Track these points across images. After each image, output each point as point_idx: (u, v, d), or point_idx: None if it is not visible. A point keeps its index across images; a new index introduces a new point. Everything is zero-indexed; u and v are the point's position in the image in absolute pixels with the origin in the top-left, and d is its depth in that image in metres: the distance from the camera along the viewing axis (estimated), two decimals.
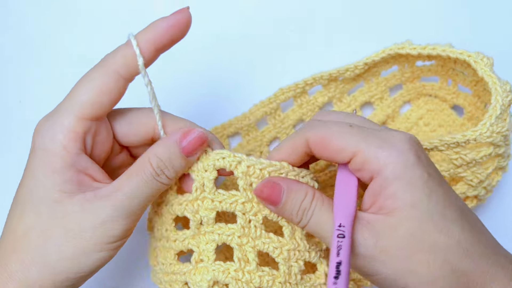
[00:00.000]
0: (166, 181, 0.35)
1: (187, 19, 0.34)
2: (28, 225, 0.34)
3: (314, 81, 0.51)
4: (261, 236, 0.36)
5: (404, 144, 0.31)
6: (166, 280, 0.39)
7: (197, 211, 0.36)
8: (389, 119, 0.56)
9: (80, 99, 0.33)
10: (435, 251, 0.30)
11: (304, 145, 0.34)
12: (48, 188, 0.33)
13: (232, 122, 0.53)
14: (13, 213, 0.35)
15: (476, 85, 0.50)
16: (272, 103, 0.52)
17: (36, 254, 0.33)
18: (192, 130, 0.35)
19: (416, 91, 0.55)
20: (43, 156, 0.33)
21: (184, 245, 0.37)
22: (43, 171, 0.33)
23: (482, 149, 0.42)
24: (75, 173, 0.34)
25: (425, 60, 0.51)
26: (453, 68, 0.51)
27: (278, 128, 0.54)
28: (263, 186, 0.34)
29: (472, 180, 0.44)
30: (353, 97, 0.55)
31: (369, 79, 0.54)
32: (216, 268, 0.35)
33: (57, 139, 0.33)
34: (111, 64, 0.34)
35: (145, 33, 0.33)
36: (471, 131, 0.40)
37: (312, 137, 0.33)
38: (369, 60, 0.49)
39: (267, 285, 0.36)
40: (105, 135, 0.36)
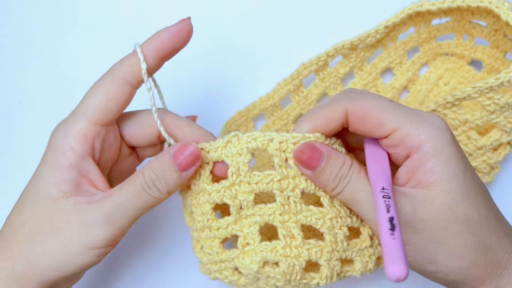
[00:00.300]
0: (157, 194, 0.35)
1: (189, 28, 0.36)
2: (23, 218, 0.35)
3: (336, 52, 0.51)
4: (302, 210, 0.36)
5: (441, 123, 0.33)
6: (215, 269, 0.39)
7: (235, 196, 0.36)
8: (410, 82, 0.56)
9: (91, 105, 0.35)
10: (468, 224, 0.31)
11: (342, 116, 0.34)
12: (47, 185, 0.35)
13: (256, 104, 0.52)
14: (16, 205, 0.37)
15: (494, 34, 0.50)
16: (295, 79, 0.52)
17: (24, 247, 0.34)
18: (187, 146, 0.35)
19: (432, 51, 0.55)
20: (52, 154, 0.35)
21: (228, 232, 0.37)
22: (47, 167, 0.35)
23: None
24: (76, 175, 0.35)
25: (442, 17, 0.51)
26: (470, 21, 0.51)
27: (302, 105, 0.53)
28: (304, 147, 0.34)
29: (506, 125, 0.45)
30: (373, 64, 0.55)
31: (387, 45, 0.54)
32: (264, 248, 0.36)
33: (67, 140, 0.35)
34: (118, 72, 0.36)
35: (149, 43, 0.36)
36: (504, 73, 0.41)
37: (352, 108, 0.33)
38: (389, 23, 0.49)
39: (315, 256, 0.36)
40: (113, 141, 0.38)
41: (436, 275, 0.33)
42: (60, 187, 0.35)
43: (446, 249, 0.31)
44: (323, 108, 0.35)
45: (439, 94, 0.56)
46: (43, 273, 0.34)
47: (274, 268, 0.36)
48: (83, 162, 0.36)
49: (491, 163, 0.47)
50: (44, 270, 0.34)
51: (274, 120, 0.53)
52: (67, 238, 0.34)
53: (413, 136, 0.32)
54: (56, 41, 0.57)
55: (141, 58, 0.35)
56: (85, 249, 0.34)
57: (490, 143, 0.46)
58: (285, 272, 0.36)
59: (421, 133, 0.32)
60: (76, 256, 0.34)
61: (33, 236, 0.34)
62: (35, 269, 0.34)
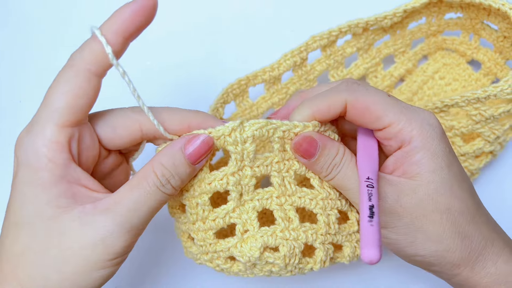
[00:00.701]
0: (171, 191, 0.33)
1: (153, 3, 0.30)
2: (23, 245, 0.31)
3: (349, 29, 0.49)
4: (296, 192, 0.37)
5: (433, 120, 0.35)
6: (206, 258, 0.38)
7: (239, 182, 0.35)
8: (407, 72, 0.55)
9: (56, 106, 0.30)
10: (448, 213, 0.34)
11: (341, 107, 0.35)
12: (40, 206, 0.30)
13: (259, 73, 0.50)
14: (6, 233, 0.32)
15: (502, 40, 0.51)
16: (302, 52, 0.49)
17: (35, 275, 0.30)
18: (196, 136, 0.33)
19: (436, 45, 0.55)
20: (30, 172, 0.31)
21: (225, 221, 0.36)
22: (31, 188, 0.30)
23: (501, 106, 0.44)
24: (67, 186, 0.31)
25: (457, 12, 0.50)
26: (482, 21, 0.51)
27: (303, 80, 0.52)
28: (302, 140, 0.35)
29: (490, 136, 0.46)
30: (377, 49, 0.54)
31: (395, 32, 0.53)
32: (264, 233, 0.35)
33: (41, 152, 0.30)
34: (80, 63, 0.31)
35: (109, 24, 0.30)
36: (492, 87, 0.42)
37: (353, 101, 0.34)
38: (409, 7, 0.48)
39: (312, 238, 0.36)
40: (89, 140, 0.33)
41: (415, 258, 0.35)
42: (56, 203, 0.30)
43: (424, 234, 0.33)
44: (324, 96, 0.35)
45: (433, 87, 0.56)
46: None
47: (273, 253, 0.36)
48: (69, 170, 0.31)
49: (472, 169, 0.49)
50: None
51: (273, 92, 0.51)
52: (84, 257, 0.30)
53: (406, 131, 0.34)
54: (56, 41, 0.58)
55: (103, 41, 0.30)
56: (103, 262, 0.31)
57: (473, 151, 0.47)
58: (285, 255, 0.35)
59: (413, 128, 0.34)
60: (96, 272, 0.31)
61: (41, 263, 0.30)
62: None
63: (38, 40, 0.58)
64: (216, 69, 0.56)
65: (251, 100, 0.51)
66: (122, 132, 0.34)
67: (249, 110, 0.50)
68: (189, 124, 0.35)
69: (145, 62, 0.55)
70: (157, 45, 0.55)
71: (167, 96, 0.54)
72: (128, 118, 0.34)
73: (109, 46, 0.30)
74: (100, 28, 0.30)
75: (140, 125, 0.34)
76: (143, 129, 0.34)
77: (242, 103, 0.50)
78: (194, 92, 0.54)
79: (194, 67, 0.56)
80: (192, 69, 0.56)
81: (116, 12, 0.30)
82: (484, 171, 0.54)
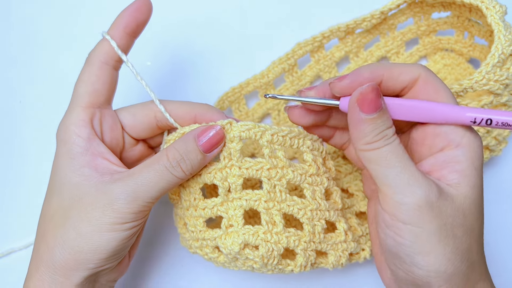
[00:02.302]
0: (180, 174, 0.37)
1: (147, 2, 0.39)
2: (53, 209, 0.37)
3: (331, 33, 0.51)
4: (286, 200, 0.38)
5: (480, 140, 0.34)
6: (196, 245, 0.41)
7: (225, 178, 0.38)
8: None
9: (79, 92, 0.38)
10: (470, 234, 0.33)
11: (412, 78, 0.34)
12: (67, 174, 0.37)
13: (250, 81, 0.53)
14: (45, 200, 0.38)
15: (491, 35, 0.50)
16: (290, 58, 0.52)
17: (58, 234, 0.36)
18: (211, 127, 0.37)
19: (432, 45, 0.55)
20: (62, 146, 0.37)
21: (213, 212, 0.39)
22: (63, 159, 0.37)
23: (482, 98, 0.43)
24: (92, 157, 0.37)
25: (440, 11, 0.51)
26: (468, 18, 0.51)
27: (296, 86, 0.54)
28: (371, 90, 0.32)
29: (479, 130, 0.45)
30: (369, 52, 0.55)
31: (385, 33, 0.54)
32: (246, 231, 0.38)
33: (70, 129, 0.37)
34: (93, 57, 0.39)
35: (114, 24, 0.39)
36: (467, 80, 0.42)
37: (429, 77, 0.34)
38: (385, 9, 0.50)
39: (294, 244, 0.38)
40: (111, 122, 0.40)
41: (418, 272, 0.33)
42: (80, 172, 0.37)
43: (442, 248, 0.32)
44: (398, 64, 0.35)
45: None
46: (81, 257, 0.35)
47: (253, 251, 0.38)
48: (93, 144, 0.38)
49: None
50: (81, 254, 0.35)
51: (267, 99, 0.54)
52: (95, 217, 0.35)
53: (458, 133, 0.33)
54: (56, 41, 0.58)
55: (107, 37, 0.39)
56: (113, 225, 0.35)
57: None
58: (263, 255, 0.38)
59: (465, 135, 0.33)
60: (107, 234, 0.35)
61: (63, 223, 0.36)
62: (73, 255, 0.35)
63: (39, 40, 0.58)
64: (217, 68, 0.57)
65: (247, 106, 0.54)
66: (141, 119, 0.41)
67: (245, 116, 0.54)
68: (196, 114, 0.40)
69: (145, 63, 0.57)
70: (157, 45, 0.57)
71: (167, 96, 0.55)
72: (145, 107, 0.41)
73: (113, 41, 0.39)
74: (108, 30, 0.39)
75: (155, 113, 0.41)
76: (157, 116, 0.41)
77: (238, 109, 0.54)
78: (194, 92, 0.56)
79: (194, 67, 0.57)
80: (193, 69, 0.57)
81: (119, 14, 0.39)
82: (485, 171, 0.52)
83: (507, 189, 0.52)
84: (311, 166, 0.39)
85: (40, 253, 0.36)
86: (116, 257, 0.37)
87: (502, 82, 0.42)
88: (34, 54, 0.57)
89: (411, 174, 0.32)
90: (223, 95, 0.53)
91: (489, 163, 0.52)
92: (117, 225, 0.35)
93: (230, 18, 0.58)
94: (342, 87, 0.34)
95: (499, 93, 0.42)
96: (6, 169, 0.53)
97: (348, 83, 0.34)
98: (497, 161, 0.52)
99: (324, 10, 0.58)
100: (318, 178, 0.39)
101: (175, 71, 0.56)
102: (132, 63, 0.40)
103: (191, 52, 0.57)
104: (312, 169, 0.39)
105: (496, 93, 0.42)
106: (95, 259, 0.36)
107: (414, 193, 0.31)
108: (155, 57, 0.56)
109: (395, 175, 0.32)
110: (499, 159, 0.52)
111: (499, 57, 0.41)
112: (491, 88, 0.42)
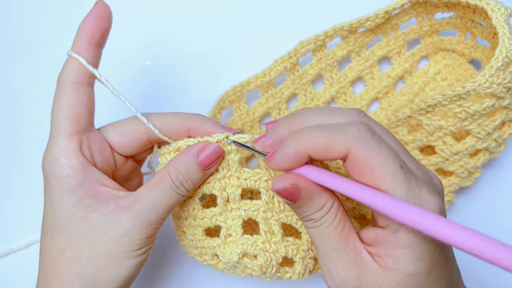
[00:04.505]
0: (185, 193, 0.37)
1: (104, 7, 0.36)
2: (61, 246, 0.35)
3: (335, 32, 0.51)
4: (284, 210, 0.38)
5: (438, 212, 0.31)
6: (195, 252, 0.41)
7: (224, 189, 0.38)
8: (407, 73, 0.56)
9: (59, 122, 0.36)
10: None
11: (342, 153, 0.31)
12: (69, 209, 0.35)
13: (251, 80, 0.53)
14: (44, 239, 0.37)
15: (494, 37, 0.50)
16: (292, 57, 0.52)
17: (74, 271, 0.35)
18: (209, 145, 0.36)
19: (434, 45, 0.55)
20: (55, 181, 0.35)
21: (212, 222, 0.39)
22: (59, 195, 0.35)
23: (485, 101, 0.43)
24: (90, 187, 0.36)
25: (444, 11, 0.51)
26: (472, 19, 0.51)
27: (297, 84, 0.54)
28: (287, 184, 0.31)
29: (480, 133, 0.45)
30: (371, 51, 0.55)
31: (387, 33, 0.54)
32: (245, 241, 0.38)
33: (62, 162, 0.35)
34: (64, 78, 0.36)
35: (77, 38, 0.36)
36: (470, 82, 0.42)
37: (358, 156, 0.30)
38: (390, 8, 0.49)
39: (292, 253, 0.39)
40: (99, 145, 0.38)
41: None
42: (83, 205, 0.35)
43: None
44: (325, 132, 0.30)
45: (434, 89, 0.56)
46: (102, 287, 0.35)
47: (252, 260, 0.38)
48: (89, 172, 0.36)
49: (468, 168, 0.48)
50: (103, 284, 0.35)
51: (268, 97, 0.54)
52: (113, 249, 0.35)
53: (394, 222, 0.30)
54: (56, 41, 0.57)
55: (73, 54, 0.36)
56: (131, 252, 0.35)
57: (465, 149, 0.46)
58: (262, 265, 0.38)
59: (402, 226, 0.29)
60: (126, 262, 0.35)
61: (77, 258, 0.35)
62: (94, 287, 0.35)
63: (38, 40, 0.58)
64: (217, 68, 0.57)
65: (247, 105, 0.54)
66: (130, 135, 0.39)
67: (246, 115, 0.53)
68: (189, 127, 0.39)
69: (145, 63, 0.56)
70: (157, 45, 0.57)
71: (167, 96, 0.55)
72: (134, 123, 0.39)
73: (81, 57, 0.36)
74: (72, 45, 0.37)
75: (145, 128, 0.39)
76: (148, 131, 0.39)
77: (239, 108, 0.53)
78: (195, 92, 0.56)
79: (194, 67, 0.57)
80: (193, 69, 0.57)
81: (79, 27, 0.37)
82: (486, 169, 0.53)
83: (506, 190, 0.52)
84: None
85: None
86: (133, 280, 0.38)
87: (505, 85, 0.42)
88: (34, 54, 0.57)
89: (333, 261, 0.32)
90: (223, 94, 0.52)
91: (488, 165, 0.53)
92: (134, 251, 0.36)
93: (232, 16, 0.58)
94: (265, 147, 0.35)
95: (501, 96, 0.42)
96: (5, 169, 0.53)
97: (270, 144, 0.34)
98: (496, 162, 0.53)
99: (326, 9, 0.57)
100: None
101: (175, 70, 0.56)
102: (105, 78, 0.37)
103: (191, 51, 0.56)
104: None
105: (499, 96, 0.42)
106: (116, 287, 0.36)
107: (333, 283, 0.33)
108: (155, 57, 0.56)
109: (320, 257, 0.33)
110: (498, 161, 0.53)
111: (503, 60, 0.41)
112: (494, 92, 0.42)
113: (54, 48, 0.57)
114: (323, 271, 0.34)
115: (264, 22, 0.58)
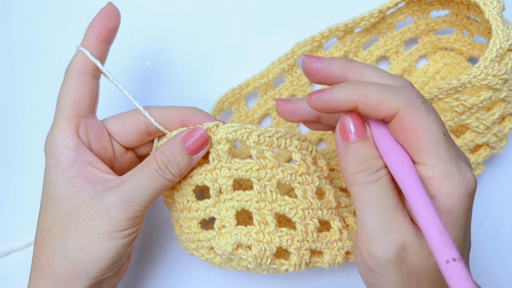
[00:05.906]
0: (169, 176, 0.37)
1: (113, 8, 0.40)
2: (50, 222, 0.37)
3: (330, 33, 0.51)
4: (277, 199, 0.39)
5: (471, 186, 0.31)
6: (193, 247, 0.42)
7: (215, 180, 0.38)
8: (406, 73, 0.56)
9: (61, 105, 0.39)
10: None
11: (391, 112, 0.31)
12: (60, 186, 0.37)
13: (250, 81, 0.53)
14: (39, 216, 0.39)
15: (490, 32, 0.50)
16: (289, 59, 0.53)
17: (57, 247, 0.36)
18: (195, 130, 0.37)
19: (432, 44, 0.55)
20: (51, 159, 0.38)
21: (206, 214, 0.40)
22: (53, 171, 0.37)
23: (481, 93, 0.43)
24: (82, 167, 0.37)
25: (439, 9, 0.51)
26: (467, 16, 0.51)
27: (296, 85, 0.54)
28: (352, 116, 0.32)
29: (478, 127, 0.45)
30: (368, 51, 0.55)
31: (384, 33, 0.54)
32: (239, 232, 0.38)
33: (58, 141, 0.38)
34: (70, 69, 0.39)
35: (86, 35, 0.40)
36: (465, 75, 0.41)
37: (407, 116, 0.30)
38: (384, 7, 0.50)
39: (286, 244, 0.39)
40: (97, 131, 0.40)
41: None
42: (72, 183, 0.37)
43: None
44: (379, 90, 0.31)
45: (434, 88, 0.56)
46: (82, 268, 0.36)
47: (246, 251, 0.38)
48: (82, 153, 0.38)
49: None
50: (82, 264, 0.36)
51: (267, 99, 0.54)
52: (93, 227, 0.36)
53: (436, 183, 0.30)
54: (57, 40, 0.58)
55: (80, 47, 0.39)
56: (112, 233, 0.36)
57: (464, 144, 0.46)
58: (256, 255, 0.38)
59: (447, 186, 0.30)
60: (106, 243, 0.36)
61: (62, 235, 0.36)
62: (74, 266, 0.36)
63: (39, 40, 0.57)
64: (218, 68, 0.57)
65: (246, 107, 0.54)
66: (129, 125, 0.41)
67: (245, 116, 0.54)
68: (184, 118, 0.41)
69: (145, 63, 0.57)
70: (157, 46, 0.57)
71: (167, 96, 0.56)
72: (133, 114, 0.41)
73: (86, 50, 0.39)
74: (82, 41, 0.40)
75: (144, 119, 0.41)
76: (146, 122, 0.41)
77: (238, 110, 0.54)
78: (195, 92, 0.56)
79: (194, 67, 0.57)
80: (193, 69, 0.57)
81: (88, 26, 0.40)
82: (488, 166, 0.52)
83: (507, 186, 0.52)
84: (300, 166, 0.39)
85: (41, 266, 0.36)
86: (116, 265, 0.38)
87: (500, 77, 0.42)
88: (34, 54, 0.57)
89: (389, 223, 0.31)
90: (222, 96, 0.53)
91: (490, 161, 0.52)
92: (115, 233, 0.36)
93: (230, 19, 0.59)
94: (312, 66, 0.34)
95: (498, 88, 0.42)
96: (5, 169, 0.54)
97: (320, 67, 0.34)
98: (497, 158, 0.52)
99: (323, 10, 0.58)
100: (308, 177, 0.39)
101: (175, 71, 0.56)
102: (110, 72, 0.39)
103: (191, 52, 0.57)
104: (301, 168, 0.39)
105: (495, 88, 0.42)
106: (96, 268, 0.36)
107: (386, 248, 0.31)
108: (155, 57, 0.57)
109: (373, 222, 0.31)
110: (499, 157, 0.52)
111: (497, 51, 0.41)
112: (489, 83, 0.42)
113: (54, 48, 0.57)
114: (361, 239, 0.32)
115: (264, 22, 0.58)
